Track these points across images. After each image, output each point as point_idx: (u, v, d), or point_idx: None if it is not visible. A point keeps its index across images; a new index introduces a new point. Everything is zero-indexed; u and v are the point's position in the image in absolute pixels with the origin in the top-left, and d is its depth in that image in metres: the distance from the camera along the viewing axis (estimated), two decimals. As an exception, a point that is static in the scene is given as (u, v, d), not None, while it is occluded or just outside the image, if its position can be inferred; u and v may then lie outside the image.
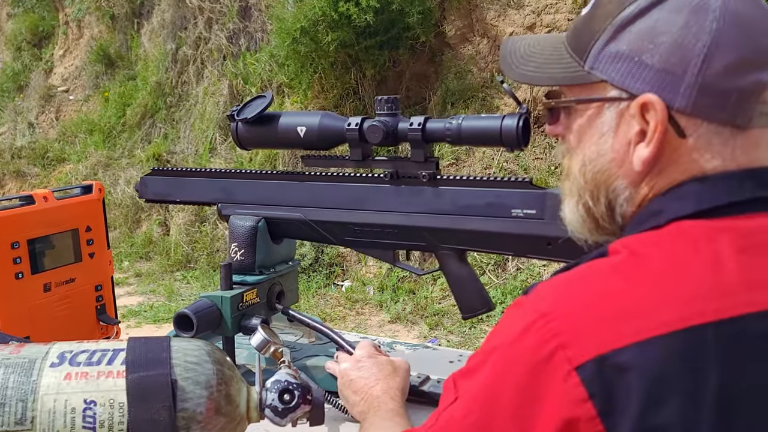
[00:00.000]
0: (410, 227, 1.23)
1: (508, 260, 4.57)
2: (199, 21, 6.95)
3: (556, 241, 1.12)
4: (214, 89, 6.67)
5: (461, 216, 1.19)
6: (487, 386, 0.68)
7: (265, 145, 1.33)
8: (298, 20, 5.10)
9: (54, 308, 1.37)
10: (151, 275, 5.83)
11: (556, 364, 0.63)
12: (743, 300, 0.63)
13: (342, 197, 1.28)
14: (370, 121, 1.21)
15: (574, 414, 0.62)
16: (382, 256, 1.29)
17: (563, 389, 0.63)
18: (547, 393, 0.64)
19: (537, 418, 0.64)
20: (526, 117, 1.12)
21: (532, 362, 0.65)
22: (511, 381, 0.66)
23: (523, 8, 5.26)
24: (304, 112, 1.33)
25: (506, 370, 0.67)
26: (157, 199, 1.47)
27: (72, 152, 7.61)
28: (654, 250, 0.68)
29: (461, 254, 1.23)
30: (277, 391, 1.00)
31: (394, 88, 5.64)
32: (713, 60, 0.68)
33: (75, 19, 8.44)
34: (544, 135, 5.13)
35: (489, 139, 1.14)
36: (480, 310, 1.25)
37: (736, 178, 0.70)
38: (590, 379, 0.62)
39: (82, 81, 8.23)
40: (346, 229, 1.29)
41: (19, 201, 1.34)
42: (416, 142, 1.19)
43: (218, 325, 1.24)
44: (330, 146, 1.27)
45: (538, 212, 1.13)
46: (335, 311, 4.66)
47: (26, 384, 0.90)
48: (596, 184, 0.77)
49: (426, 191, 1.22)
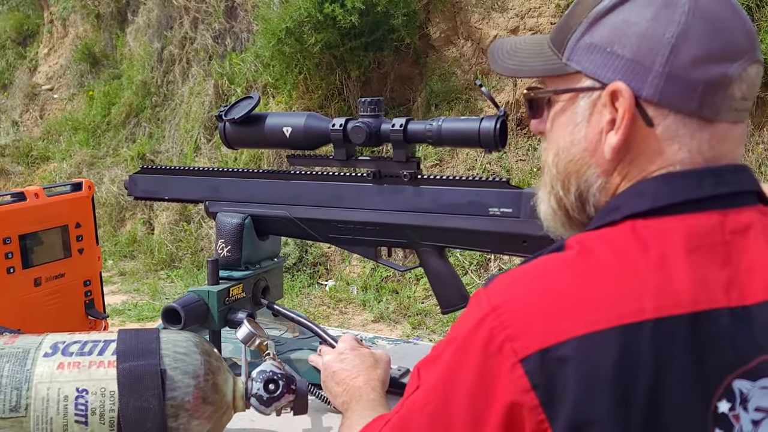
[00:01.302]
0: (392, 225, 1.28)
1: (490, 260, 4.62)
2: (185, 21, 6.96)
3: (531, 238, 1.17)
4: (200, 89, 6.68)
5: (441, 214, 1.23)
6: (445, 377, 0.72)
7: (251, 145, 1.37)
8: (284, 21, 5.12)
9: (44, 302, 1.40)
10: (136, 274, 5.84)
11: (504, 355, 0.67)
12: (687, 299, 0.66)
13: (326, 195, 1.32)
14: (353, 122, 1.25)
15: (519, 402, 0.66)
16: (365, 253, 1.33)
17: (509, 379, 0.66)
18: (497, 383, 0.67)
19: (489, 407, 0.68)
20: (504, 120, 1.17)
21: (483, 354, 0.68)
22: (466, 372, 0.70)
23: (507, 11, 5.31)
24: (290, 113, 1.36)
25: (461, 360, 0.71)
26: (146, 196, 1.50)
27: (56, 151, 7.60)
28: (605, 247, 0.71)
29: (441, 251, 1.27)
30: (262, 381, 1.04)
31: (378, 89, 5.68)
32: (680, 51, 0.71)
33: (60, 18, 8.42)
34: (527, 137, 5.18)
35: (468, 141, 1.18)
36: (459, 305, 1.29)
37: (695, 175, 0.72)
38: (533, 371, 0.65)
39: (67, 79, 8.21)
40: (329, 227, 1.33)
41: (11, 197, 1.37)
42: (398, 143, 1.23)
43: (205, 319, 1.27)
44: (315, 146, 1.31)
45: (514, 211, 1.18)
46: (319, 310, 4.70)
47: (21, 373, 0.94)
48: (568, 173, 0.80)
49: (407, 190, 1.26)
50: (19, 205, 1.35)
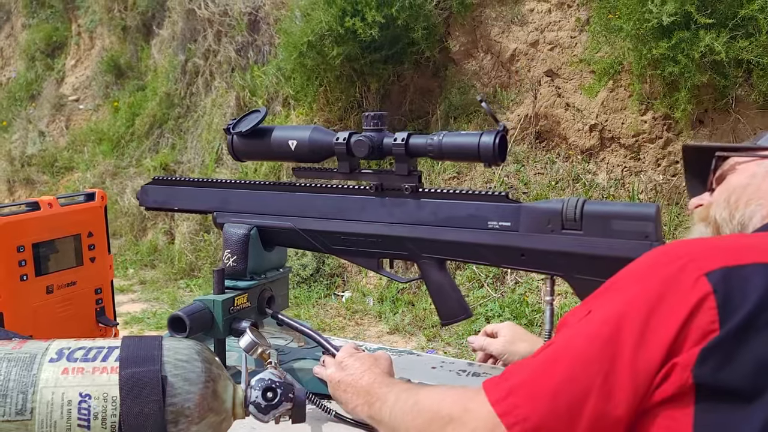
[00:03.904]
0: (393, 237, 1.30)
1: (506, 273, 4.62)
2: (209, 33, 7.05)
3: (529, 251, 1.19)
4: (222, 101, 6.76)
5: (441, 227, 1.25)
6: (622, 301, 0.81)
7: (258, 157, 1.40)
8: (305, 34, 5.18)
9: (56, 309, 1.43)
10: (155, 283, 5.90)
11: (688, 272, 0.78)
12: None
13: (330, 207, 1.34)
14: (356, 136, 1.28)
15: (697, 305, 0.76)
16: (367, 264, 1.35)
17: (691, 289, 0.77)
18: (677, 294, 0.77)
19: (665, 319, 0.77)
20: (504, 134, 1.18)
21: (665, 274, 0.79)
22: (646, 290, 0.79)
23: (527, 25, 5.32)
24: (296, 126, 1.39)
25: (641, 284, 0.81)
26: (156, 206, 1.53)
27: (80, 161, 7.71)
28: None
29: (441, 263, 1.29)
30: (260, 388, 1.06)
31: (398, 101, 5.72)
32: None
33: (87, 30, 8.57)
34: (545, 150, 5.19)
35: (467, 155, 1.20)
36: (459, 316, 1.30)
37: None
38: (716, 280, 0.76)
39: (93, 90, 8.34)
40: (333, 238, 1.35)
41: (26, 207, 1.40)
42: (400, 157, 1.26)
43: (210, 328, 1.30)
44: (319, 159, 1.33)
45: (512, 224, 1.20)
46: (335, 321, 4.72)
47: (27, 377, 0.96)
48: (737, 207, 1.00)
49: (408, 203, 1.28)
50: (33, 215, 1.39)
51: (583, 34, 5.04)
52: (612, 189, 4.81)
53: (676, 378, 0.76)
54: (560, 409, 0.79)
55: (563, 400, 0.79)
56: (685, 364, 0.75)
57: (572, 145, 5.08)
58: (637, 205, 1.16)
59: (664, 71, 4.24)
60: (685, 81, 4.19)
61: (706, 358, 0.75)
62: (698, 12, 3.98)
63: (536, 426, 0.79)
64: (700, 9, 3.99)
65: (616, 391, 0.77)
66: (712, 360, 0.75)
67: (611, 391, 0.77)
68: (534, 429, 0.79)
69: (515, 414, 0.80)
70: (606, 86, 4.86)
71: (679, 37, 4.06)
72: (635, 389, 0.77)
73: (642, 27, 4.16)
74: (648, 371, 0.77)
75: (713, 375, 0.74)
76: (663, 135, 4.72)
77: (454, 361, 1.54)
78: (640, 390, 0.77)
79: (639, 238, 1.10)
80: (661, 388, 0.77)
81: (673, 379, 0.76)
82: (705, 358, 0.75)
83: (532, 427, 0.79)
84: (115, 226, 6.74)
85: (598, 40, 4.69)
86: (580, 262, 1.15)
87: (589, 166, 4.99)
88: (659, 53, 4.17)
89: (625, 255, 1.10)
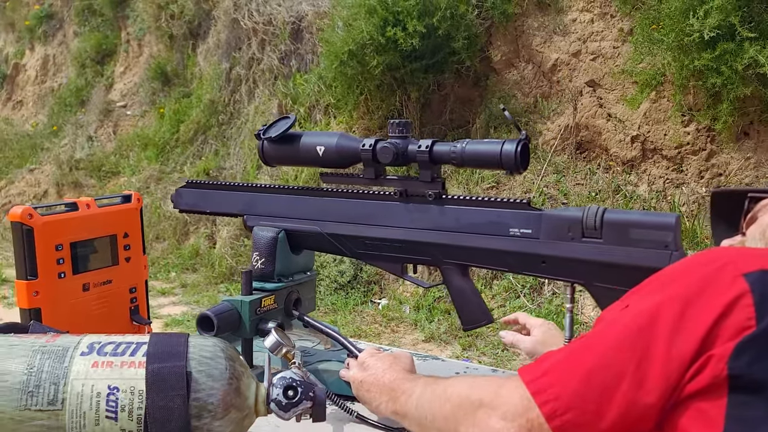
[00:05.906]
0: (417, 242, 1.32)
1: (543, 284, 4.59)
2: (253, 42, 7.16)
3: (550, 259, 1.20)
4: (265, 108, 6.85)
5: (463, 233, 1.27)
6: (660, 297, 0.83)
7: (287, 162, 1.43)
8: (347, 43, 5.23)
9: (91, 307, 1.47)
10: (196, 286, 5.99)
11: (727, 271, 0.80)
12: None
13: (355, 212, 1.37)
14: (382, 143, 1.30)
15: (734, 302, 0.78)
16: (391, 269, 1.37)
17: (729, 286, 0.79)
18: (715, 290, 0.80)
19: (701, 313, 0.79)
20: (525, 143, 1.20)
21: (704, 273, 0.82)
22: (684, 286, 0.82)
23: (569, 35, 5.30)
24: (324, 133, 1.42)
25: (679, 282, 0.83)
26: (188, 209, 1.57)
27: (126, 165, 7.88)
28: None
29: (463, 269, 1.31)
30: (281, 386, 1.09)
31: (438, 111, 5.73)
32: None
33: (136, 38, 8.77)
34: (585, 161, 5.15)
35: (490, 163, 1.22)
36: (481, 321, 1.32)
37: None
38: (754, 280, 0.79)
39: (140, 97, 8.53)
40: (357, 243, 1.38)
41: (65, 207, 1.45)
42: (424, 164, 1.28)
43: (237, 327, 1.33)
44: (346, 165, 1.36)
45: (534, 232, 1.21)
46: (371, 328, 4.74)
47: (59, 369, 1.00)
48: None
49: (432, 209, 1.30)
50: (71, 215, 1.44)
51: (626, 45, 5.00)
52: (654, 201, 4.76)
53: (711, 369, 0.78)
54: (593, 392, 0.81)
55: (596, 383, 0.82)
56: (721, 356, 0.78)
57: (613, 156, 5.04)
58: (658, 214, 1.16)
59: (707, 82, 4.19)
60: (728, 93, 4.13)
61: (742, 352, 0.77)
62: (741, 25, 3.92)
63: (567, 406, 0.82)
64: (744, 21, 3.94)
65: (649, 379, 0.80)
66: (747, 354, 0.77)
67: (644, 378, 0.80)
68: (565, 409, 0.82)
69: (548, 393, 0.84)
70: (648, 97, 4.81)
71: (723, 49, 4.00)
72: (667, 378, 0.79)
73: (684, 39, 4.12)
74: (681, 361, 0.79)
75: (748, 367, 0.77)
76: (707, 147, 4.65)
77: (477, 367, 1.55)
78: (672, 379, 0.80)
79: (659, 247, 1.11)
80: (694, 381, 0.79)
81: (708, 371, 0.78)
82: (740, 351, 0.77)
83: (564, 406, 0.82)
84: (158, 230, 6.88)
85: (640, 51, 4.64)
86: (601, 270, 1.16)
87: (631, 177, 4.93)
88: (702, 64, 4.12)
89: (645, 264, 1.10)
